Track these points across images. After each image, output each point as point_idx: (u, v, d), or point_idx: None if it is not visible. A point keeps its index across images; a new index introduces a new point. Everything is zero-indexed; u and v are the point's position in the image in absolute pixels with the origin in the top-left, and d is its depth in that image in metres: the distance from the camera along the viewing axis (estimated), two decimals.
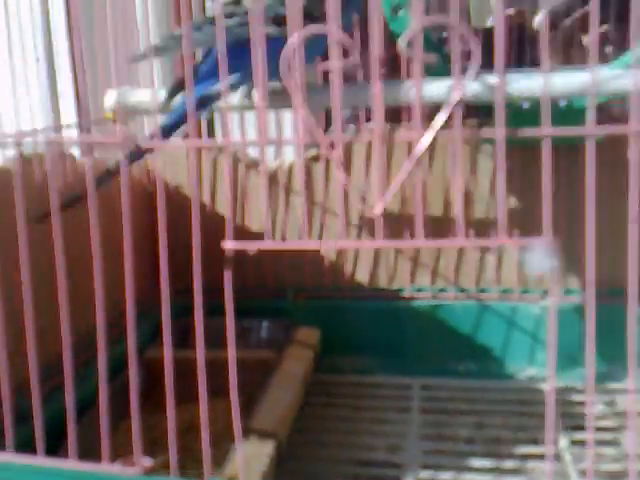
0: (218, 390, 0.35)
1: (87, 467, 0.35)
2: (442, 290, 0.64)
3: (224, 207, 0.66)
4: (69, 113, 0.62)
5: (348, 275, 0.66)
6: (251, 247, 0.32)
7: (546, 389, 0.55)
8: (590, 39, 0.31)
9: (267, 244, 0.32)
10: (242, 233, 0.66)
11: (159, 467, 0.37)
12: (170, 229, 0.33)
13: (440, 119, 0.31)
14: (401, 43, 0.30)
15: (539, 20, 0.65)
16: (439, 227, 0.60)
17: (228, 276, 0.31)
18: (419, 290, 0.65)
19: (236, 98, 0.46)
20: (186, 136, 0.65)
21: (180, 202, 0.63)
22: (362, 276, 0.66)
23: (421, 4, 0.30)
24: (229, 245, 0.32)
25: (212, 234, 0.36)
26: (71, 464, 0.35)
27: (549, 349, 0.31)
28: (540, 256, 0.30)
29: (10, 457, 0.36)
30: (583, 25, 0.61)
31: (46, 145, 0.39)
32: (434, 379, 0.60)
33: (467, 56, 0.31)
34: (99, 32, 0.56)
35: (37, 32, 0.61)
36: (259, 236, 0.38)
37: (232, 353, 0.32)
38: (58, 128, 0.50)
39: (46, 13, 0.60)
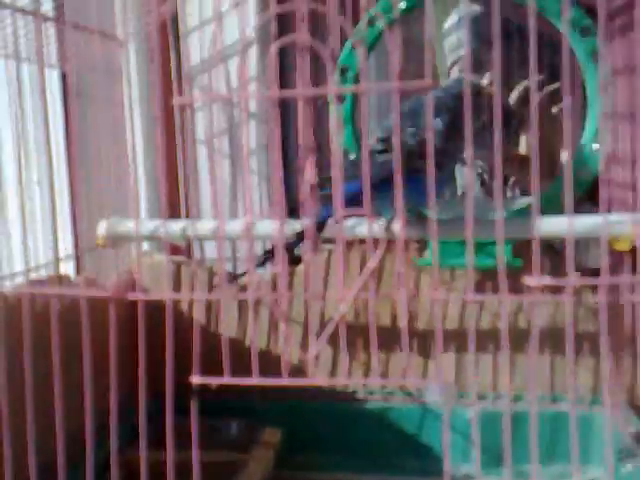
0: None
1: None
2: (390, 393, 0.74)
3: (201, 314, 0.75)
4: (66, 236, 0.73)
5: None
6: (215, 381, 0.41)
7: None
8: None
9: (232, 380, 0.41)
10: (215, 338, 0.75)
11: None
12: (152, 338, 0.43)
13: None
14: None
15: (514, 97, 0.74)
16: (388, 336, 0.70)
17: (194, 406, 0.41)
18: (371, 393, 0.74)
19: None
20: (171, 253, 0.76)
21: (160, 312, 0.72)
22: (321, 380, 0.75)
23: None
24: (195, 380, 0.42)
25: (188, 340, 0.43)
26: None
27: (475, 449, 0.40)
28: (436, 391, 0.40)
29: None
30: (552, 98, 0.70)
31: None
32: (383, 476, 0.68)
33: None
34: (95, 167, 0.68)
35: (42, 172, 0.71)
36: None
37: (196, 462, 0.41)
38: (57, 262, 0.59)
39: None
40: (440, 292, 0.57)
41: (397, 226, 0.58)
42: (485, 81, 0.74)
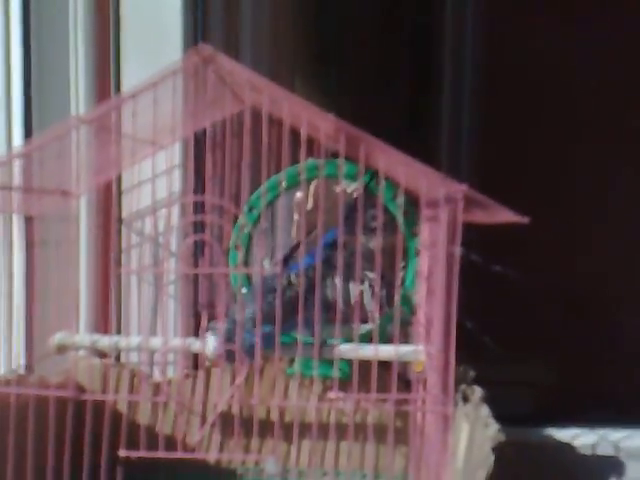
0: None
1: None
2: (262, 469, 0.97)
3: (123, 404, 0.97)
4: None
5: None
6: (134, 454, 0.65)
7: None
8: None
9: (146, 454, 0.65)
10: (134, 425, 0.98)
11: None
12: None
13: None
14: None
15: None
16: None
17: (120, 471, 0.64)
18: (247, 470, 0.97)
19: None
20: (102, 356, 0.99)
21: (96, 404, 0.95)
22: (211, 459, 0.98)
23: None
24: (122, 453, 0.65)
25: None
26: None
27: None
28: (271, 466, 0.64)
29: None
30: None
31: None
32: None
33: None
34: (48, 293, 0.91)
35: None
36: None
37: None
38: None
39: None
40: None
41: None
42: None
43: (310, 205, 1.08)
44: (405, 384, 0.90)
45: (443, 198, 0.73)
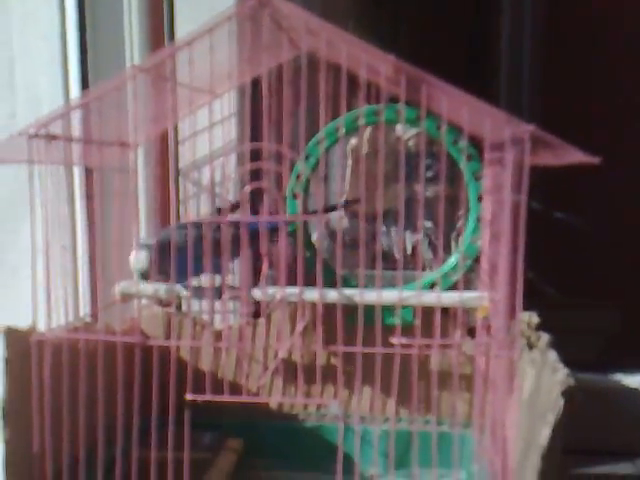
0: None
1: None
2: (324, 415, 0.98)
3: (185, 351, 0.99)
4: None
5: (264, 404, 1.00)
6: (201, 398, 0.66)
7: None
8: None
9: (212, 397, 0.66)
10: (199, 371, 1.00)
11: None
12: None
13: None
14: None
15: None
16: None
17: (188, 416, 0.65)
18: (309, 414, 0.98)
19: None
20: (165, 306, 1.01)
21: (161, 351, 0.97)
22: (273, 405, 1.00)
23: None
24: (189, 397, 0.66)
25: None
26: None
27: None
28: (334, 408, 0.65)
29: None
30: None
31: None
32: (314, 473, 0.92)
33: None
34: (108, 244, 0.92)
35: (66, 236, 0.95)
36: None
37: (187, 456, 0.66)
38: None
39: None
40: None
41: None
42: None
43: (366, 150, 1.06)
44: (468, 331, 0.89)
45: (509, 139, 0.71)
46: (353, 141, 1.11)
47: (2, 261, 1.00)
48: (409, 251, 1.08)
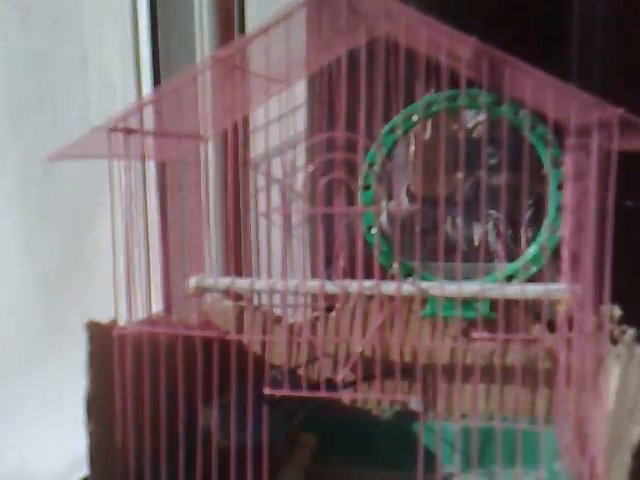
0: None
1: None
2: (398, 412, 0.96)
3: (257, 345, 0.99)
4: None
5: (337, 399, 0.98)
6: (284, 393, 0.65)
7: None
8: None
9: (290, 392, 0.65)
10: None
11: None
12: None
13: None
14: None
15: None
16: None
17: (266, 409, 0.64)
18: (383, 411, 0.97)
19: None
20: (234, 299, 1.00)
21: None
22: (346, 400, 0.98)
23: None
24: (266, 391, 0.65)
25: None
26: None
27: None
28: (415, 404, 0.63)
29: None
30: None
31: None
32: (391, 472, 0.90)
33: None
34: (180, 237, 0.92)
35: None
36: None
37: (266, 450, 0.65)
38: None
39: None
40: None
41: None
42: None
43: (428, 135, 1.03)
44: (546, 325, 0.87)
45: (596, 123, 0.67)
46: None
47: (78, 256, 1.01)
48: (476, 242, 1.06)
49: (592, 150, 0.70)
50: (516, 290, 0.76)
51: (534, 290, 0.76)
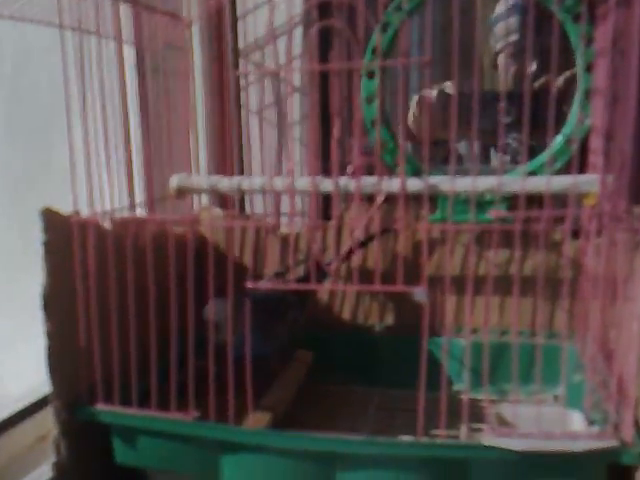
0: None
1: (161, 414, 0.59)
2: (400, 327, 0.88)
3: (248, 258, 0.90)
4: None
5: (336, 314, 0.90)
6: (264, 286, 0.56)
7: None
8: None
9: (274, 284, 0.56)
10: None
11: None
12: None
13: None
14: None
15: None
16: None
17: (249, 304, 0.55)
18: (385, 327, 0.88)
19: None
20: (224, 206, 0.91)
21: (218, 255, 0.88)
22: (346, 315, 0.90)
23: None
24: (249, 284, 0.56)
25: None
26: (152, 412, 0.59)
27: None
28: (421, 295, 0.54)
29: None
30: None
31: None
32: (391, 390, 0.82)
33: None
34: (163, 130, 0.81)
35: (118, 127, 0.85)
36: None
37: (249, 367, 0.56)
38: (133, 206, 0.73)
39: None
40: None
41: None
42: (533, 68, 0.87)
43: None
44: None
45: None
46: None
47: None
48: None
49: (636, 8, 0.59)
50: (539, 182, 0.66)
51: (560, 182, 0.66)
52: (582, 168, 0.74)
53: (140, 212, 0.78)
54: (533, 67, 0.85)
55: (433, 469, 0.58)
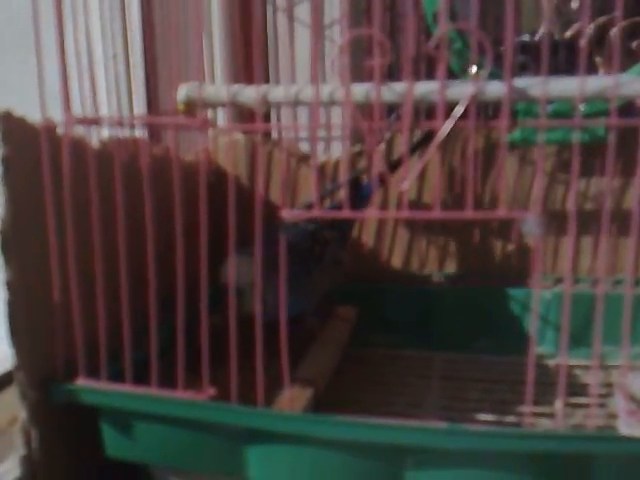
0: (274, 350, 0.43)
1: (165, 393, 0.44)
2: (464, 276, 0.72)
3: (276, 195, 0.74)
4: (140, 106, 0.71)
5: (384, 261, 0.74)
6: (303, 215, 0.40)
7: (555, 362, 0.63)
8: None
9: (316, 213, 0.40)
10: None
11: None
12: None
13: (458, 111, 0.39)
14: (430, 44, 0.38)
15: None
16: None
17: (283, 240, 0.39)
18: (446, 276, 0.72)
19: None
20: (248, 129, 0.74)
21: (238, 188, 0.71)
22: (396, 263, 0.74)
23: (446, 13, 0.38)
24: (284, 214, 0.40)
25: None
26: (153, 390, 0.44)
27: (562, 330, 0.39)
28: (531, 226, 0.37)
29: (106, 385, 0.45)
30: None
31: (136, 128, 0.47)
32: (455, 354, 0.67)
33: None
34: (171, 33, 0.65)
35: (116, 31, 0.69)
36: None
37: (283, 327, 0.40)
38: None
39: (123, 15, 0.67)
40: None
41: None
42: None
43: None
44: None
45: None
46: None
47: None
48: None
49: None
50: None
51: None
52: None
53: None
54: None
55: (546, 468, 0.41)
